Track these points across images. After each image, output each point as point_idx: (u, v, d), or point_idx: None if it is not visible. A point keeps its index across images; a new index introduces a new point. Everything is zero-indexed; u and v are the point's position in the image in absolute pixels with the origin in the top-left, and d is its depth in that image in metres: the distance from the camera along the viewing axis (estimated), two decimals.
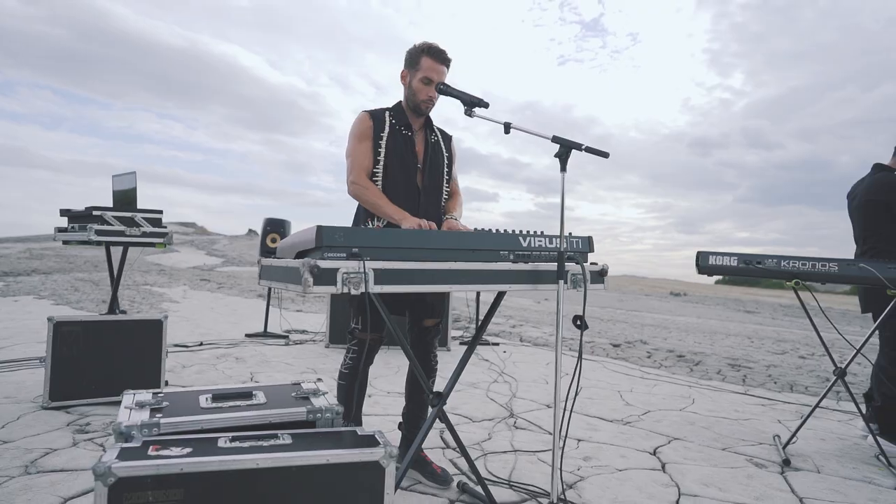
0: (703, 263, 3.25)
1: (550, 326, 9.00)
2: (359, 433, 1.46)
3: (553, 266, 1.94)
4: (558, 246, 1.94)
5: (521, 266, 1.90)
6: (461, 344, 6.36)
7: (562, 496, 2.33)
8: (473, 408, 3.76)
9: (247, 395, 1.64)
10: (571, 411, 2.06)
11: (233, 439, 1.34)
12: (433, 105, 2.46)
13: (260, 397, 1.64)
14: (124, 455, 1.22)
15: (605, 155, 1.88)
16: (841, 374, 3.13)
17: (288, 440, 1.37)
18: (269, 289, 6.68)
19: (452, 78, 2.45)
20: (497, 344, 6.60)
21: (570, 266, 2.00)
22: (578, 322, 1.98)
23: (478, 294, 6.72)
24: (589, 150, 1.88)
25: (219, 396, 1.60)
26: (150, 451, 1.25)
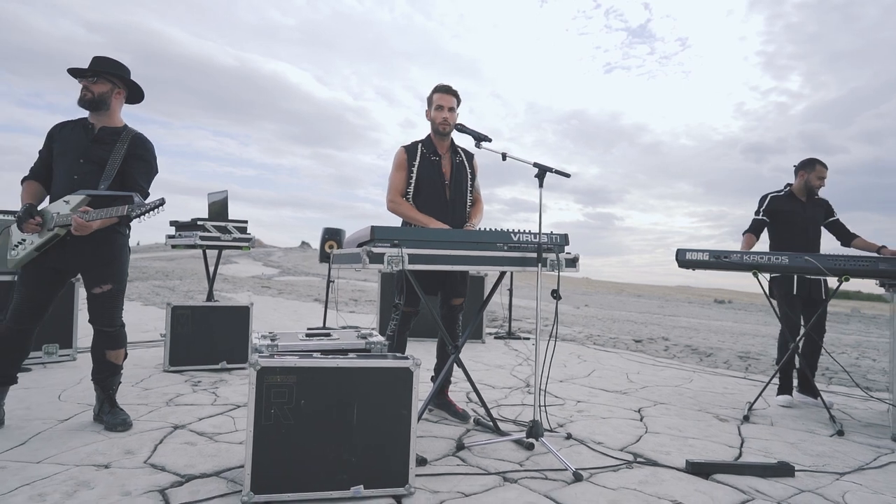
0: (681, 258, 3.96)
1: (582, 326, 9.69)
2: (398, 356, 2.32)
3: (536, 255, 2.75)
4: (538, 240, 2.74)
5: (511, 254, 2.72)
6: (496, 338, 7.15)
7: (549, 428, 3.13)
8: (497, 380, 4.56)
9: (326, 334, 2.51)
10: (550, 367, 2.85)
11: (322, 354, 2.21)
12: (449, 126, 3.26)
13: (335, 335, 2.50)
14: (262, 358, 2.11)
15: (567, 175, 2.70)
16: (795, 348, 3.81)
17: (354, 356, 2.23)
18: (327, 291, 7.67)
19: (499, 89, 3.37)
20: (528, 338, 7.36)
21: (550, 255, 2.80)
22: (554, 294, 2.77)
23: (510, 297, 7.58)
24: (557, 171, 2.70)
25: (310, 334, 2.48)
26: (275, 357, 2.13)
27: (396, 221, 3.31)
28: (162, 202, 2.68)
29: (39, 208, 2.84)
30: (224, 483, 2.24)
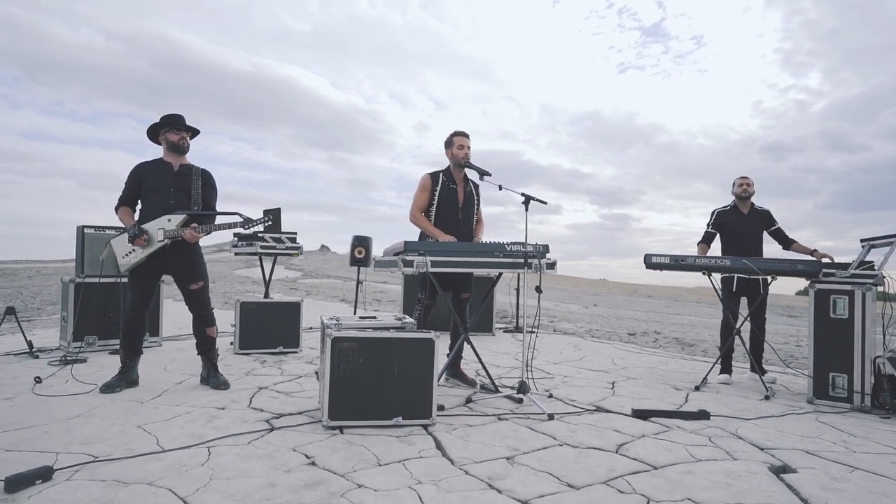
0: (648, 262, 4.92)
1: (585, 322, 10.64)
2: (424, 331, 3.33)
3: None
4: (524, 249, 3.74)
5: (505, 259, 3.72)
6: (504, 332, 8.15)
7: (537, 391, 4.13)
8: (502, 362, 5.56)
9: (373, 317, 3.53)
10: (533, 349, 3.84)
11: (372, 329, 3.23)
12: (468, 157, 4.26)
13: (379, 318, 3.52)
14: (334, 331, 3.14)
15: (544, 202, 3.70)
16: (736, 331, 4.77)
17: (394, 331, 3.25)
18: (357, 291, 8.71)
19: (513, 91, 4.46)
20: (533, 332, 8.34)
21: (534, 260, 3.80)
22: (537, 289, 3.77)
23: (518, 295, 8.58)
24: (538, 200, 3.71)
25: (362, 318, 3.50)
26: (341, 330, 3.16)
27: (408, 226, 4.30)
28: (268, 220, 3.76)
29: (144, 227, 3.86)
30: (306, 417, 3.28)
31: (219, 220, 3.92)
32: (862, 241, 4.53)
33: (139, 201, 3.96)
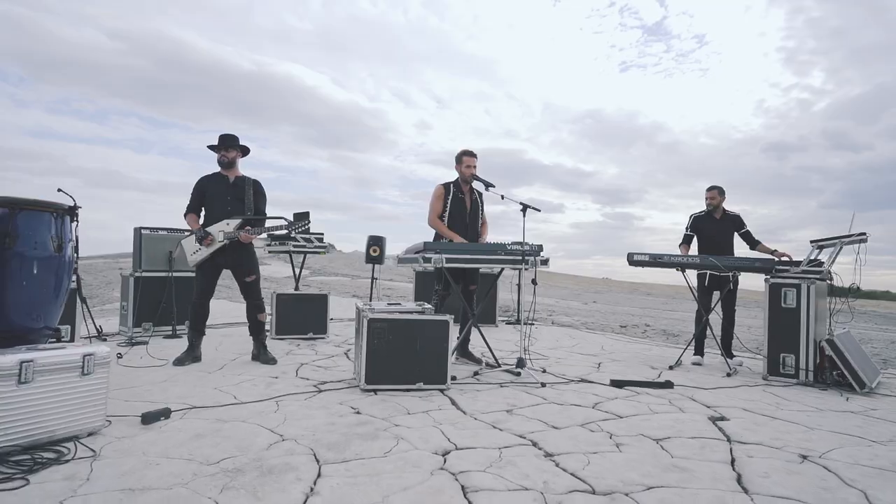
0: (631, 259, 5.69)
1: (583, 316, 11.41)
2: (440, 314, 4.11)
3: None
4: (522, 248, 4.52)
5: (506, 256, 4.50)
6: (507, 324, 8.92)
7: (533, 367, 4.91)
8: (504, 348, 6.33)
9: (399, 304, 4.32)
10: (528, 336, 4.62)
11: (399, 313, 4.01)
12: (473, 175, 5.05)
13: (403, 305, 4.31)
14: (369, 314, 3.92)
15: (538, 210, 4.48)
16: (705, 319, 5.54)
17: (416, 314, 4.03)
18: (371, 287, 9.49)
19: (514, 90, 5.10)
20: (533, 323, 9.11)
21: (530, 258, 4.57)
22: (533, 281, 4.55)
23: (519, 292, 9.34)
24: (532, 208, 4.48)
25: (390, 304, 4.29)
26: (375, 313, 3.94)
27: (411, 224, 5.10)
28: (307, 223, 4.54)
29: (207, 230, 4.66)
30: (345, 384, 4.07)
31: (268, 223, 4.72)
32: (811, 241, 5.30)
33: (202, 208, 4.75)
